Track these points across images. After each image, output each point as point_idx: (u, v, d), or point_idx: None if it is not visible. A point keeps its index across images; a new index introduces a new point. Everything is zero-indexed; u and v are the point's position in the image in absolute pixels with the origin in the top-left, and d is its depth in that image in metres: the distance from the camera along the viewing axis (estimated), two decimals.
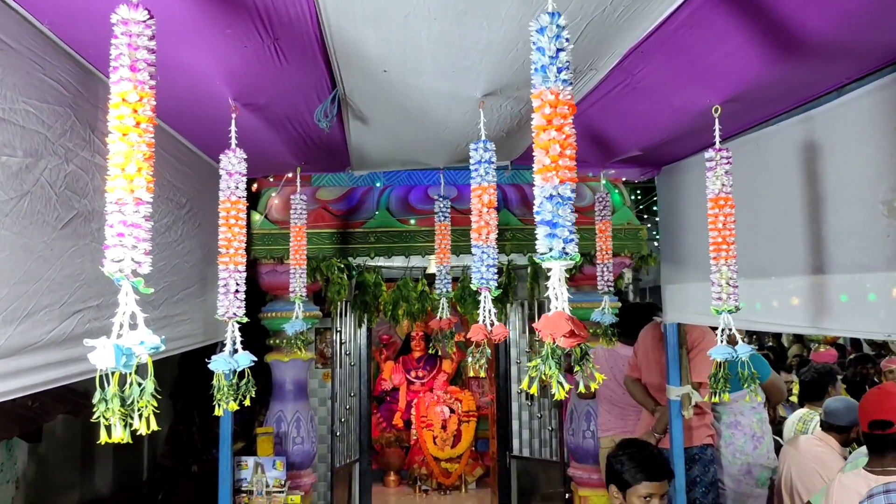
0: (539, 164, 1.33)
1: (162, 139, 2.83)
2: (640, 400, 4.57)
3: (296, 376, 4.99)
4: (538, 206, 1.33)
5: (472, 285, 2.13)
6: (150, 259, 1.34)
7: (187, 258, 3.10)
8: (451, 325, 3.39)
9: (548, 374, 1.24)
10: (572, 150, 1.33)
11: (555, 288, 1.29)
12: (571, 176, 1.32)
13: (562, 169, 1.31)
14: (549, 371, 1.23)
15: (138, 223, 1.33)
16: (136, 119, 1.34)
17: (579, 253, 1.34)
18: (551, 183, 1.31)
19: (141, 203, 1.34)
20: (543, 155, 1.32)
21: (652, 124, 2.85)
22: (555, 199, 1.29)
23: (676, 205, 3.99)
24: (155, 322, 2.69)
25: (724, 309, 2.22)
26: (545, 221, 1.30)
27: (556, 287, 1.28)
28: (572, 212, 1.30)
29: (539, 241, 1.32)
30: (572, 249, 1.29)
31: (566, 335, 1.21)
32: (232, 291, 2.15)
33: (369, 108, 2.77)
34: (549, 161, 1.31)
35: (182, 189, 3.07)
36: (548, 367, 1.24)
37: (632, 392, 4.63)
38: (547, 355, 1.24)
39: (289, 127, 2.86)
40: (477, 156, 2.18)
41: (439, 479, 8.14)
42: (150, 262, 1.34)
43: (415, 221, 4.85)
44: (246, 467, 4.44)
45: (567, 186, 1.31)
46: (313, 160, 3.57)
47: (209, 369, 2.13)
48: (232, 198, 2.21)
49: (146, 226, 1.34)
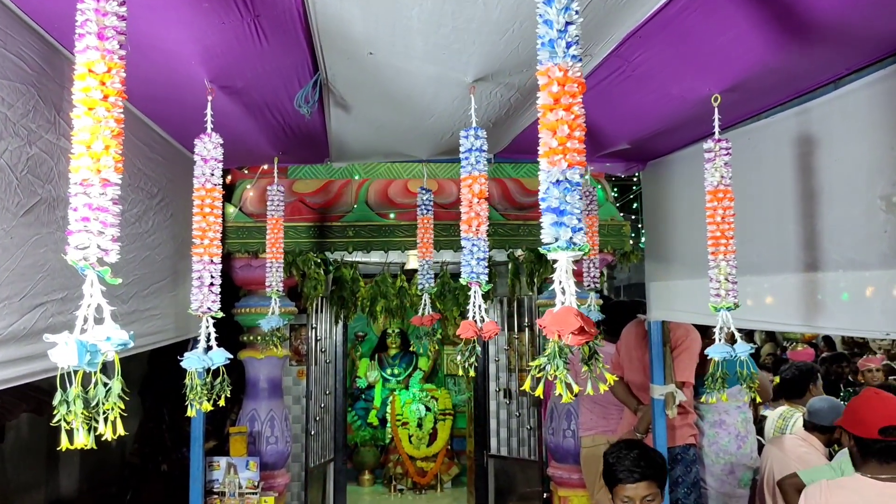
0: (545, 147, 1.23)
1: (132, 125, 2.69)
2: (623, 398, 4.50)
3: (270, 374, 4.85)
4: (544, 192, 1.22)
5: (462, 279, 2.03)
6: (117, 247, 1.21)
7: (158, 251, 2.95)
8: (433, 321, 3.28)
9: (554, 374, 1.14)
10: (581, 132, 1.23)
11: (561, 281, 1.19)
12: (580, 160, 1.22)
13: (570, 152, 1.20)
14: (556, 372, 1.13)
15: (105, 206, 1.20)
16: (104, 92, 1.21)
17: (540, 249, 1.24)
18: (559, 167, 1.21)
19: (108, 184, 1.21)
20: (550, 137, 1.22)
21: (645, 115, 2.76)
22: (562, 185, 1.19)
23: (662, 200, 3.93)
24: (124, 317, 2.55)
25: (722, 306, 2.13)
26: (552, 209, 1.20)
27: (562, 280, 1.18)
28: (580, 198, 1.20)
29: (544, 229, 1.22)
30: (580, 239, 1.19)
31: (575, 332, 1.11)
32: (206, 285, 2.02)
33: (352, 95, 2.65)
34: (557, 143, 1.21)
35: (154, 178, 2.93)
36: (554, 367, 1.14)
37: (614, 391, 4.55)
38: (553, 354, 1.14)
39: (267, 114, 2.73)
40: (468, 143, 2.07)
41: (415, 478, 8.05)
42: (117, 250, 1.21)
43: (394, 216, 4.73)
44: (218, 468, 4.29)
45: (576, 171, 1.21)
46: (292, 150, 3.44)
47: (179, 366, 2.00)
48: (207, 185, 2.07)
49: (114, 210, 1.21)
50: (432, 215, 3.40)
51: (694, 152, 3.47)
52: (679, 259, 3.78)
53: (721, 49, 2.08)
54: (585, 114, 1.27)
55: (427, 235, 3.35)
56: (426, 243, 3.34)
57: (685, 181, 3.64)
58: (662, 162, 3.89)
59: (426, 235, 3.35)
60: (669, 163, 3.81)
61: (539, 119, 1.26)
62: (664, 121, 2.83)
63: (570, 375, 1.16)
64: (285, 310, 4.78)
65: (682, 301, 3.76)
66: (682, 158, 3.65)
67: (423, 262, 3.35)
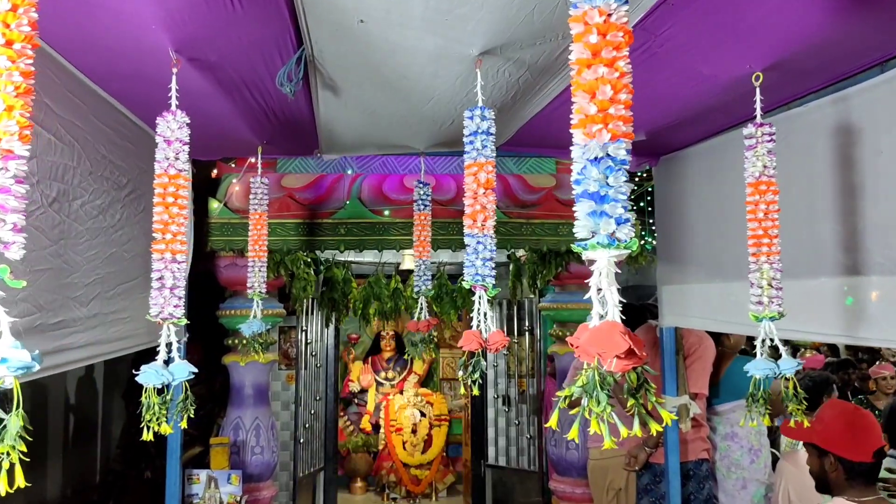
0: (580, 115, 0.95)
1: (95, 106, 2.40)
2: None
3: (256, 379, 4.57)
4: (578, 173, 0.94)
5: (465, 283, 1.74)
6: (22, 239, 0.92)
7: (127, 247, 2.66)
8: (430, 326, 3.00)
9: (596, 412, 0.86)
10: (628, 94, 0.95)
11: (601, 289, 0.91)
12: (627, 130, 0.94)
13: (614, 120, 0.93)
14: (598, 409, 0.86)
15: (5, 186, 0.91)
16: (6, 36, 0.93)
17: (573, 247, 0.95)
18: (598, 140, 0.93)
19: (11, 157, 0.92)
20: (587, 101, 0.94)
21: (669, 100, 2.48)
22: (604, 163, 0.91)
23: (677, 199, 3.66)
24: (84, 322, 2.27)
25: (765, 315, 1.85)
26: (589, 194, 0.92)
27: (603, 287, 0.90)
28: (627, 181, 0.93)
29: (579, 221, 0.94)
30: (626, 234, 0.91)
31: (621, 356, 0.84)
32: (168, 287, 1.73)
33: (342, 75, 2.36)
34: (597, 109, 0.93)
35: (122, 167, 2.64)
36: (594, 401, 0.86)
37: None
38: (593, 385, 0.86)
39: (247, 94, 2.44)
40: (473, 125, 1.78)
41: (408, 486, 7.76)
42: (22, 243, 0.92)
43: (389, 213, 4.45)
44: (198, 481, 4.00)
45: (621, 145, 0.93)
46: (277, 139, 3.15)
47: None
48: (170, 171, 1.77)
49: (18, 191, 0.92)
50: (430, 211, 3.11)
51: (712, 146, 3.22)
52: (695, 261, 3.52)
53: (763, 20, 1.81)
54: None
55: (424, 233, 3.06)
56: (423, 241, 3.05)
57: (702, 178, 3.38)
58: (677, 157, 3.63)
59: (423, 233, 3.06)
60: (685, 158, 3.55)
61: (572, 79, 0.98)
62: (690, 107, 2.54)
63: (614, 413, 0.87)
64: (272, 311, 4.50)
65: (697, 306, 3.52)
66: (699, 153, 3.39)
67: (420, 262, 3.06)
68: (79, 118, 2.23)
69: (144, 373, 1.67)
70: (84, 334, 2.25)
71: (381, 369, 8.58)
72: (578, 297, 4.88)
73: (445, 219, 4.34)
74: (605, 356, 0.84)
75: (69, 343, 2.15)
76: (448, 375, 8.82)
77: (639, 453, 3.97)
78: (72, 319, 2.16)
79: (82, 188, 2.26)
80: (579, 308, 4.85)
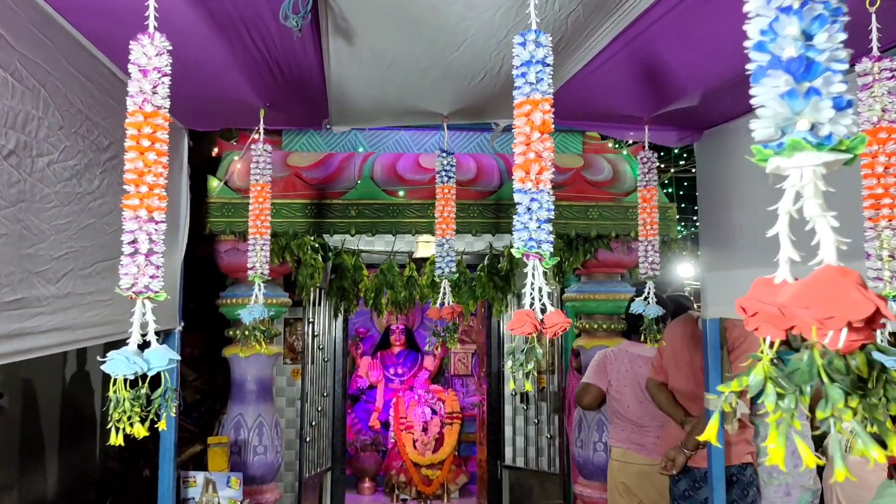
0: None
1: (69, 50, 2.05)
2: (666, 408, 3.83)
3: (259, 374, 4.23)
4: (762, 33, 0.59)
5: (515, 251, 1.39)
6: None
7: (108, 219, 2.31)
8: (454, 313, 2.64)
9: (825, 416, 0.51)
10: None
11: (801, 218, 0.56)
12: None
13: None
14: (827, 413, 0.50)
15: None
16: None
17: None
18: None
19: None
20: None
21: (726, 55, 2.10)
22: (809, 10, 0.56)
23: (722, 177, 3.31)
24: (52, 302, 1.91)
25: (887, 294, 1.49)
26: (783, 63, 0.56)
27: (812, 214, 0.55)
28: (844, 44, 0.57)
29: (762, 110, 0.59)
30: (847, 125, 0.56)
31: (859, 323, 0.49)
32: (142, 253, 1.38)
33: (357, 13, 2.00)
34: None
35: (104, 127, 2.28)
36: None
37: (655, 398, 3.90)
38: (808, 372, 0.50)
39: (246, 38, 2.08)
40: (525, 53, 1.41)
41: (419, 486, 7.41)
42: None
43: (404, 193, 4.10)
44: (194, 484, 3.66)
45: None
46: (281, 103, 2.79)
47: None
48: (146, 107, 1.40)
49: None
50: (454, 184, 2.74)
51: None
52: (743, 245, 3.16)
53: None
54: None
55: (448, 208, 2.69)
56: (447, 218, 2.69)
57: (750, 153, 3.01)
58: (722, 130, 3.28)
59: (447, 208, 2.69)
60: (731, 131, 3.21)
61: None
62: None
63: None
64: (276, 300, 4.15)
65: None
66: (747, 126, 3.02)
67: (443, 241, 2.70)
68: (47, 60, 1.88)
69: (112, 360, 1.32)
70: (52, 316, 1.90)
71: (390, 364, 8.24)
72: (607, 286, 4.53)
73: (466, 200, 3.99)
74: (833, 323, 0.50)
75: (32, 326, 1.80)
76: (460, 372, 8.46)
77: (677, 456, 3.60)
78: (35, 298, 1.81)
79: (50, 144, 1.90)
80: (608, 298, 4.49)
